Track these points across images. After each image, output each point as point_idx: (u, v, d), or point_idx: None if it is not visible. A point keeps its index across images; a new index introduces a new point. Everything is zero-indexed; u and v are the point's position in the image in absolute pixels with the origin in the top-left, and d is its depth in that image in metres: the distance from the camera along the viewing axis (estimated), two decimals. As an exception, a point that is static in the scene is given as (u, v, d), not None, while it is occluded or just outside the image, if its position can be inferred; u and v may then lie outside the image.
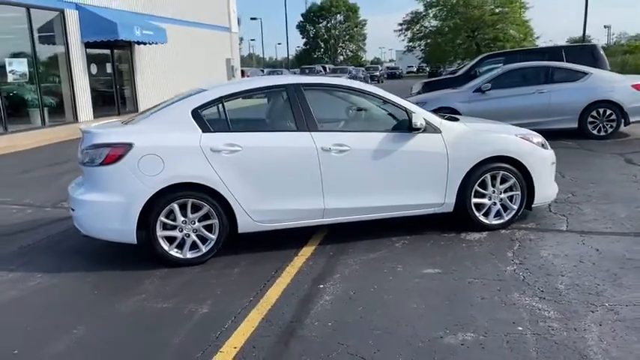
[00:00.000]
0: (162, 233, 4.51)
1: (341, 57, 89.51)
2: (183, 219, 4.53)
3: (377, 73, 55.05)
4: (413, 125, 4.84)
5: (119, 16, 16.86)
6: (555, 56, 13.08)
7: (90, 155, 4.50)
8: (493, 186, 5.14)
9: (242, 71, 31.36)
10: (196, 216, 4.55)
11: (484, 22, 49.70)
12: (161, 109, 4.88)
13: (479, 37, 51.46)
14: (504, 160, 5.10)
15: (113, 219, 4.45)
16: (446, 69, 44.74)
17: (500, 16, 50.02)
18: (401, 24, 57.50)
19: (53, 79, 15.86)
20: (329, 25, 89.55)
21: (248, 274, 4.42)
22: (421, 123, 4.86)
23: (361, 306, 3.73)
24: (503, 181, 5.15)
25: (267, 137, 4.80)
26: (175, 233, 4.55)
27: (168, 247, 4.55)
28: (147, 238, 4.50)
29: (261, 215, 4.67)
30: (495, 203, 5.18)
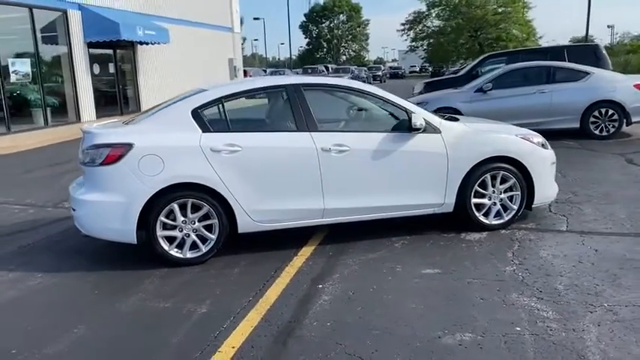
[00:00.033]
0: (162, 233, 4.52)
1: (344, 57, 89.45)
2: (183, 219, 4.54)
3: (379, 73, 55.08)
4: (413, 125, 4.84)
5: (122, 16, 16.89)
6: (557, 56, 13.05)
7: (90, 155, 4.52)
8: (493, 186, 5.14)
9: (244, 71, 31.37)
10: (196, 216, 4.56)
11: (487, 22, 49.62)
12: (161, 110, 4.89)
13: (481, 37, 51.37)
14: (504, 160, 5.10)
15: (113, 219, 4.46)
16: (448, 69, 44.67)
17: (502, 16, 49.92)
18: (403, 24, 57.48)
19: (56, 79, 15.91)
20: (332, 25, 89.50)
21: (247, 274, 4.43)
22: (421, 123, 4.86)
23: (360, 306, 3.73)
24: (503, 181, 5.15)
25: (267, 137, 4.80)
26: (175, 233, 4.56)
27: (168, 247, 4.56)
28: (147, 238, 4.51)
29: (260, 215, 4.68)
30: (495, 203, 5.18)
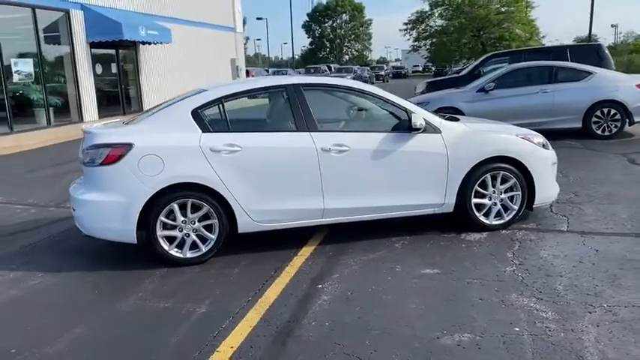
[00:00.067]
0: (162, 233, 4.53)
1: (346, 56, 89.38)
2: (183, 219, 4.54)
3: (382, 73, 55.08)
4: (413, 125, 4.84)
5: (124, 16, 16.91)
6: (560, 56, 13.02)
7: (90, 155, 4.53)
8: (493, 186, 5.13)
9: (247, 71, 31.37)
10: (196, 216, 4.57)
11: (490, 22, 49.47)
12: (161, 110, 4.90)
13: (484, 37, 51.22)
14: (505, 161, 5.09)
15: (113, 219, 4.47)
16: (451, 68, 44.58)
17: (505, 16, 49.76)
18: (406, 23, 57.32)
19: (58, 79, 15.93)
20: (334, 25, 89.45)
21: (247, 274, 4.43)
22: (421, 123, 4.85)
23: (359, 306, 3.73)
24: (503, 182, 5.14)
25: (266, 137, 4.80)
26: (175, 233, 4.57)
27: (168, 247, 4.57)
28: (147, 238, 4.52)
29: (260, 215, 4.69)
30: (496, 203, 5.17)
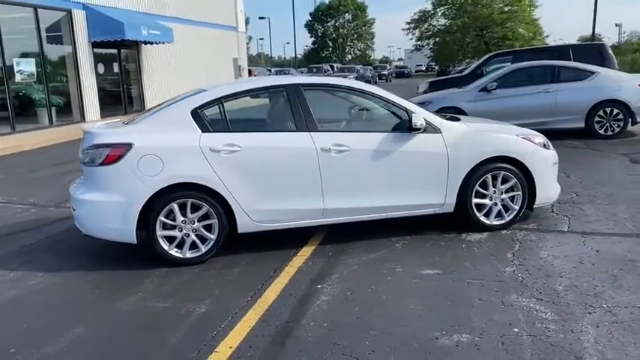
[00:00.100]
0: (161, 233, 4.53)
1: (349, 56, 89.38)
2: (182, 219, 4.54)
3: (385, 72, 55.09)
4: (413, 125, 4.83)
5: (126, 16, 16.94)
6: (563, 55, 12.98)
7: (90, 155, 4.54)
8: (494, 186, 5.11)
9: (249, 70, 31.39)
10: (196, 216, 4.57)
11: (493, 21, 49.37)
12: (161, 110, 4.90)
13: (487, 36, 51.12)
14: (505, 161, 5.07)
15: (113, 219, 4.48)
16: (455, 68, 44.51)
17: (509, 15, 49.65)
18: (409, 23, 57.22)
19: (61, 79, 15.97)
20: (337, 24, 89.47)
21: (247, 274, 4.43)
22: (421, 123, 4.84)
23: (358, 306, 3.73)
24: (504, 182, 5.12)
25: (266, 137, 4.80)
26: (175, 233, 4.57)
27: (167, 247, 4.57)
28: (147, 238, 4.52)
29: (260, 215, 4.68)
30: (496, 204, 5.15)
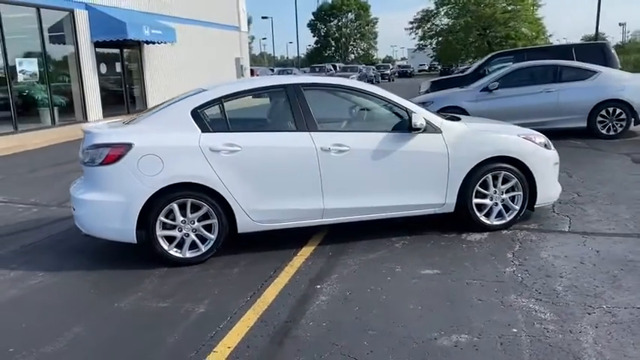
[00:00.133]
0: (161, 233, 4.53)
1: (352, 55, 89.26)
2: (182, 219, 4.55)
3: (388, 72, 55.07)
4: (413, 125, 4.82)
5: (128, 16, 16.96)
6: (565, 54, 12.94)
7: (90, 155, 4.54)
8: (495, 186, 5.10)
9: (252, 70, 31.40)
10: (196, 216, 4.57)
11: (496, 20, 49.22)
12: (161, 109, 4.91)
13: (490, 36, 50.97)
14: (506, 161, 5.06)
15: (113, 218, 4.48)
16: (457, 67, 44.43)
17: (512, 14, 49.48)
18: (412, 22, 57.08)
19: (63, 79, 16.00)
20: (340, 24, 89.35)
21: (246, 274, 4.43)
22: (421, 123, 4.83)
23: (357, 306, 3.72)
24: (504, 182, 5.11)
25: (266, 137, 4.80)
26: (175, 233, 4.57)
27: (167, 247, 4.57)
28: (147, 238, 4.52)
29: (260, 215, 4.68)
30: (497, 204, 5.14)
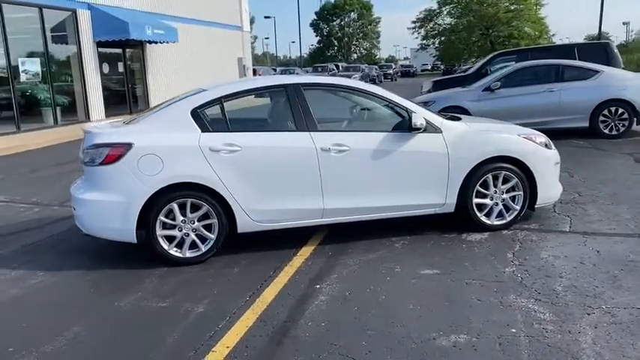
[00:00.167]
0: (161, 232, 4.54)
1: (355, 55, 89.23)
2: (182, 218, 4.55)
3: (390, 72, 55.07)
4: (413, 125, 4.81)
5: (131, 16, 16.99)
6: (567, 54, 12.91)
7: (90, 155, 4.55)
8: (495, 186, 5.09)
9: (254, 70, 31.40)
10: (195, 215, 4.57)
11: (498, 20, 49.11)
12: (161, 109, 4.91)
13: (493, 35, 50.85)
14: (506, 160, 5.05)
15: (113, 218, 4.49)
16: (460, 67, 44.35)
17: (514, 14, 49.36)
18: (415, 21, 57.00)
19: (65, 79, 16.03)
20: (343, 23, 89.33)
21: (246, 274, 4.43)
22: (421, 123, 4.83)
23: (356, 306, 3.72)
24: (505, 182, 5.10)
25: (266, 137, 4.80)
26: (175, 232, 4.57)
27: (167, 247, 4.58)
28: (147, 238, 4.53)
29: (260, 215, 4.68)
30: (497, 204, 5.13)
